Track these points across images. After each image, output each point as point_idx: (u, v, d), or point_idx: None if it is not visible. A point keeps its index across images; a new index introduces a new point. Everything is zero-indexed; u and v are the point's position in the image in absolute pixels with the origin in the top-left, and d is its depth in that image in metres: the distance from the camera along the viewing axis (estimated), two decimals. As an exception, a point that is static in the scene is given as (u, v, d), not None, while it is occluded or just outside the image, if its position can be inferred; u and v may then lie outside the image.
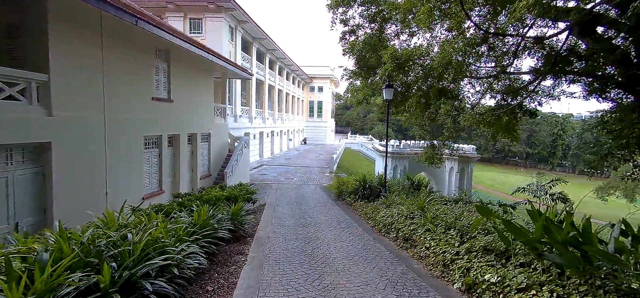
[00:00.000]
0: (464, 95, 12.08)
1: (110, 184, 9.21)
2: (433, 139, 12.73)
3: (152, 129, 11.18)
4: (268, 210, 10.63)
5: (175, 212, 6.24)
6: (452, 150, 15.18)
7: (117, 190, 9.48)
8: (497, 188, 50.87)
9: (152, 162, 11.40)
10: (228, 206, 7.85)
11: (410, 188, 12.16)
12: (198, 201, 7.29)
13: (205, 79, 15.22)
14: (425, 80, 11.53)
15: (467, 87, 14.00)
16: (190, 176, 14.29)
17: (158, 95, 11.51)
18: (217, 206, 7.39)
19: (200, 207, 5.98)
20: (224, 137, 17.47)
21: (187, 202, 7.07)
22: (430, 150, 12.58)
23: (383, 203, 10.19)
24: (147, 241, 4.04)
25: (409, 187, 12.23)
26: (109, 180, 9.17)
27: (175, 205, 7.08)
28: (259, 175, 21.73)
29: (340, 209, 11.26)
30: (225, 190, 9.21)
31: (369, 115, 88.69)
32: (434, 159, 12.60)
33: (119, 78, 9.48)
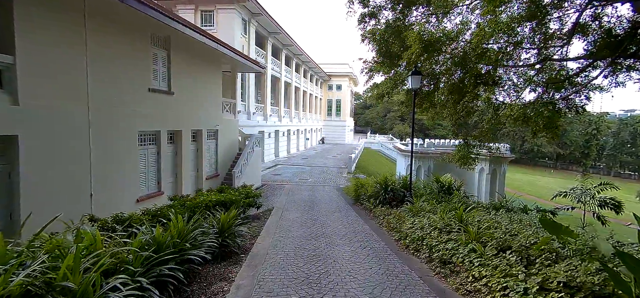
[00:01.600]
0: (507, 81, 10.19)
1: (97, 185, 8.14)
2: (467, 137, 10.89)
3: (148, 123, 10.09)
4: (274, 216, 9.26)
5: (143, 224, 4.86)
6: (489, 150, 13.30)
7: (106, 192, 8.41)
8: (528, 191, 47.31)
9: (149, 161, 10.32)
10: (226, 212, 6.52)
11: (439, 192, 10.44)
12: (181, 207, 5.99)
13: (212, 72, 14.10)
14: (460, 65, 9.77)
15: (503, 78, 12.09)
16: (194, 176, 13.19)
17: (156, 86, 10.42)
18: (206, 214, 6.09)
19: (174, 219, 4.62)
20: (233, 134, 16.33)
21: (167, 209, 5.78)
22: (464, 149, 10.79)
23: (409, 210, 8.57)
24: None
25: (438, 190, 10.51)
26: (95, 181, 8.09)
27: (146, 216, 5.78)
28: (272, 175, 20.52)
29: (358, 216, 9.72)
30: (222, 194, 7.92)
31: (389, 114, 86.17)
32: (468, 159, 10.80)
33: (108, 65, 8.41)
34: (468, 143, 10.79)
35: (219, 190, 9.18)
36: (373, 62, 15.77)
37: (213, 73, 14.23)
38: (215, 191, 9.04)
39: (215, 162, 14.68)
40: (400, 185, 11.12)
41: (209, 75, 13.83)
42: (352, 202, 12.15)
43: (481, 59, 9.38)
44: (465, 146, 10.83)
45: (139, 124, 9.70)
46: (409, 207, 8.63)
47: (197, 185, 13.31)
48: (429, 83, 15.90)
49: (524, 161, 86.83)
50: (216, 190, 9.34)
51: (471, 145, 10.74)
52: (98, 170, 8.15)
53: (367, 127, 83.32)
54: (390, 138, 61.34)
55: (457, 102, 10.40)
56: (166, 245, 3.93)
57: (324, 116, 53.62)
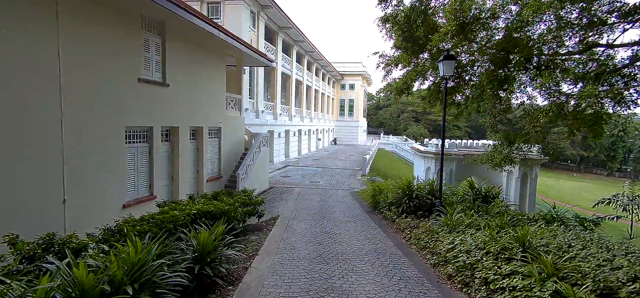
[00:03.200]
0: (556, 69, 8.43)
1: (72, 189, 6.92)
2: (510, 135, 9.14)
3: (138, 118, 8.86)
4: (278, 228, 7.83)
5: (87, 249, 3.46)
6: (519, 151, 11.53)
7: (83, 197, 7.20)
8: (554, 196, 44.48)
9: (139, 161, 9.09)
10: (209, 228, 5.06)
11: (475, 200, 8.80)
12: (147, 224, 4.58)
13: (215, 63, 12.84)
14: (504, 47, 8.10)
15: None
16: (194, 178, 11.94)
17: (147, 77, 9.19)
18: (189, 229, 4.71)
19: (121, 252, 3.17)
20: (238, 132, 15.04)
21: (129, 228, 4.37)
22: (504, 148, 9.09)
23: (443, 223, 6.98)
24: None
25: (473, 198, 8.86)
26: (70, 184, 6.87)
27: (92, 239, 4.37)
28: (281, 177, 19.18)
29: (378, 227, 8.20)
30: (214, 201, 6.51)
31: (403, 115, 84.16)
32: (506, 161, 9.11)
33: (87, 48, 7.20)
34: (511, 142, 9.07)
35: (213, 196, 7.84)
36: (391, 56, 14.26)
37: (216, 65, 12.97)
38: (205, 198, 7.69)
39: (217, 162, 13.40)
40: (427, 190, 9.52)
41: (211, 67, 12.57)
42: (370, 210, 10.61)
43: (525, 45, 7.72)
44: (506, 146, 9.13)
45: (127, 119, 8.48)
46: (443, 219, 7.04)
47: (197, 188, 12.05)
48: (456, 75, 14.25)
49: (544, 164, 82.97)
50: (211, 195, 8.00)
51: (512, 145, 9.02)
52: (74, 171, 6.93)
53: (380, 127, 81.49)
54: (405, 139, 59.28)
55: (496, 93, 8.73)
56: (95, 292, 2.55)
57: (336, 116, 52.11)
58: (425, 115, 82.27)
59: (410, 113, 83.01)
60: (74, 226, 6.81)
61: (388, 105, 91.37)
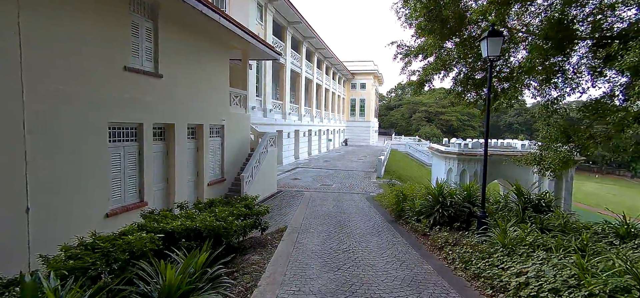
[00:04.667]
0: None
1: (38, 195, 5.71)
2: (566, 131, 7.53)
3: (125, 112, 7.64)
4: (286, 244, 6.44)
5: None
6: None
7: (55, 206, 6.00)
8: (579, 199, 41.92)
9: (125, 162, 7.86)
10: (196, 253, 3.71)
11: (525, 209, 7.22)
12: (90, 256, 3.16)
13: (217, 55, 11.60)
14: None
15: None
16: (193, 182, 10.69)
17: (136, 66, 7.97)
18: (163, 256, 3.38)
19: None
20: (243, 131, 13.77)
21: (52, 264, 3.03)
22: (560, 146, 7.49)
23: (495, 241, 5.48)
24: None
25: (522, 207, 7.28)
26: (35, 189, 5.66)
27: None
28: (290, 180, 17.86)
29: (408, 244, 6.72)
30: (203, 215, 5.12)
31: (415, 115, 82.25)
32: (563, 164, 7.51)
33: (57, 27, 5.99)
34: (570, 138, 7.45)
35: (208, 204, 6.51)
36: (410, 46, 12.82)
37: (219, 57, 11.73)
38: (200, 206, 6.39)
39: (220, 164, 12.14)
40: (462, 197, 8.01)
41: (213, 59, 11.33)
42: (393, 219, 9.14)
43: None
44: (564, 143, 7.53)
45: (110, 113, 7.25)
46: (496, 236, 5.52)
47: (196, 193, 10.81)
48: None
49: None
50: (207, 202, 6.68)
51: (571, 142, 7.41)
52: (40, 175, 5.72)
53: (391, 128, 79.69)
54: (418, 140, 57.31)
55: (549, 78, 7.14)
56: None
57: (347, 116, 50.61)
58: (438, 115, 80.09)
59: (422, 113, 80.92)
60: (41, 240, 5.63)
61: (399, 105, 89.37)
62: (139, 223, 4.34)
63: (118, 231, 4.13)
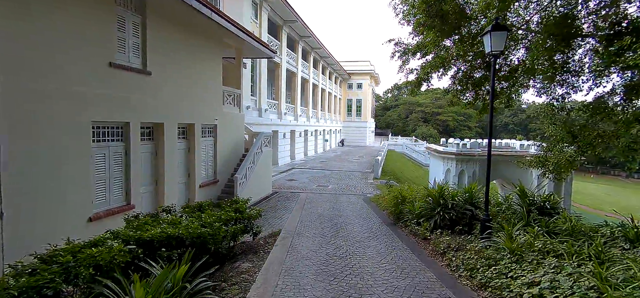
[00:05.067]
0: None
1: (13, 199, 5.30)
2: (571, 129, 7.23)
3: (110, 111, 7.23)
4: (279, 249, 6.08)
5: None
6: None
7: (32, 209, 5.59)
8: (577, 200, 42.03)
9: (111, 163, 7.45)
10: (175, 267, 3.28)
11: (529, 212, 6.92)
12: (48, 271, 2.76)
13: (210, 52, 11.21)
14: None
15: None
16: (184, 183, 10.28)
17: (123, 62, 7.57)
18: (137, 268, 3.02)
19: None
20: (237, 131, 13.38)
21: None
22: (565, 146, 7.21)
23: (502, 247, 5.17)
24: None
25: (526, 209, 6.98)
26: (10, 193, 5.26)
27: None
28: (286, 181, 17.50)
29: (408, 250, 6.39)
30: (189, 220, 4.69)
31: (411, 115, 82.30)
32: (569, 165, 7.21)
33: (33, 17, 5.59)
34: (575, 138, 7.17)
35: (196, 208, 6.11)
36: (408, 44, 12.59)
37: (212, 54, 11.34)
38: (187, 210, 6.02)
39: (213, 165, 11.74)
40: (464, 199, 7.70)
41: (205, 56, 10.94)
42: (391, 221, 8.82)
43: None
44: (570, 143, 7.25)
45: (94, 112, 6.85)
46: (504, 242, 5.21)
47: (188, 195, 10.41)
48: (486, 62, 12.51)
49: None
50: (195, 206, 6.29)
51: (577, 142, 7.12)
52: (16, 178, 5.32)
53: (388, 129, 79.75)
54: (414, 140, 57.21)
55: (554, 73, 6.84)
56: None
57: (343, 116, 50.33)
58: (434, 116, 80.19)
59: (419, 113, 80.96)
60: (17, 247, 5.22)
61: (396, 105, 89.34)
62: (115, 230, 3.96)
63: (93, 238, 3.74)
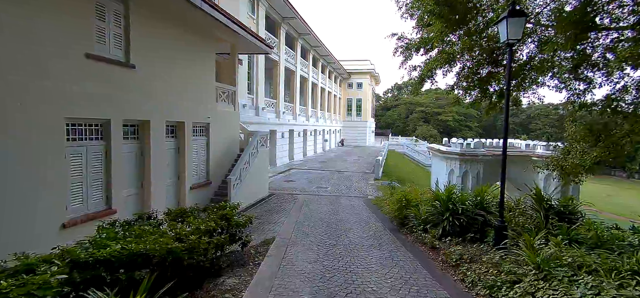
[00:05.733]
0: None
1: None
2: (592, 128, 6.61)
3: (87, 107, 6.60)
4: (270, 262, 5.43)
5: None
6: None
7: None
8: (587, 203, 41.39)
9: (89, 164, 6.81)
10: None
11: (547, 218, 6.29)
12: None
13: (202, 47, 10.57)
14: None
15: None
16: (173, 186, 9.64)
17: (102, 53, 6.92)
18: None
19: None
20: (232, 130, 12.74)
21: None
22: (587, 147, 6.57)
23: (525, 260, 4.53)
24: None
25: (544, 215, 6.35)
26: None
27: None
28: (284, 182, 16.86)
29: (416, 260, 5.76)
30: (146, 239, 3.76)
31: (412, 115, 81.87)
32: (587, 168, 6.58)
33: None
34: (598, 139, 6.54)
35: (178, 214, 5.46)
36: (412, 39, 12.04)
37: (204, 49, 10.71)
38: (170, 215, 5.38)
39: (205, 166, 11.10)
40: (473, 203, 7.07)
41: (197, 50, 10.31)
42: (395, 227, 8.19)
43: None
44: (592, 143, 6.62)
45: (68, 108, 6.21)
46: (525, 253, 4.57)
47: (177, 198, 9.77)
48: (494, 58, 11.98)
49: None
50: (178, 211, 5.62)
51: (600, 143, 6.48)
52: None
53: (388, 129, 79.18)
54: (415, 140, 56.61)
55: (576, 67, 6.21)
56: None
57: (343, 116, 49.67)
58: (435, 115, 79.62)
59: (419, 113, 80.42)
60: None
61: (396, 105, 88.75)
62: (64, 248, 3.31)
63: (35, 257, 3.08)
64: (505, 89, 6.06)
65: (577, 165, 6.78)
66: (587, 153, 6.59)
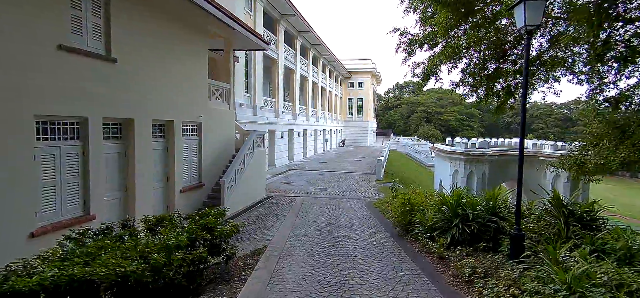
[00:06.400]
0: None
1: None
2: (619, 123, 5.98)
3: (60, 103, 6.01)
4: (258, 277, 4.81)
5: None
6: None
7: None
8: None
9: (63, 166, 6.22)
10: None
11: (567, 224, 5.66)
12: None
13: (193, 42, 9.99)
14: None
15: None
16: (161, 189, 9.05)
17: (77, 45, 6.33)
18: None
19: None
20: (226, 129, 12.14)
21: None
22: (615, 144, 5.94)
23: (549, 278, 3.91)
24: None
25: (564, 220, 5.72)
26: None
27: None
28: (282, 183, 16.26)
29: (423, 273, 5.14)
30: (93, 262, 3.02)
31: (413, 115, 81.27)
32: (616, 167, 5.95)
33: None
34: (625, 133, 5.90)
35: (156, 222, 4.83)
36: (415, 34, 11.56)
37: (195, 43, 10.12)
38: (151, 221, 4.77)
39: (197, 167, 10.51)
40: (485, 208, 6.43)
41: (187, 44, 9.72)
42: (398, 233, 7.56)
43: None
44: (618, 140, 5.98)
45: (38, 104, 5.64)
46: (552, 270, 3.94)
47: (166, 202, 9.20)
48: (501, 53, 11.51)
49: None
50: (152, 219, 4.98)
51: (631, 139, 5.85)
52: None
53: (389, 129, 78.54)
54: (417, 140, 55.94)
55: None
56: None
57: (344, 116, 49.03)
58: (437, 115, 78.92)
59: (421, 113, 79.76)
60: None
61: (398, 105, 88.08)
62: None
63: None
64: (523, 81, 5.41)
65: (600, 165, 6.14)
66: (612, 152, 5.94)
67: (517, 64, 11.04)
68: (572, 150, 7.99)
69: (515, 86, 11.64)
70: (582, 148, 7.14)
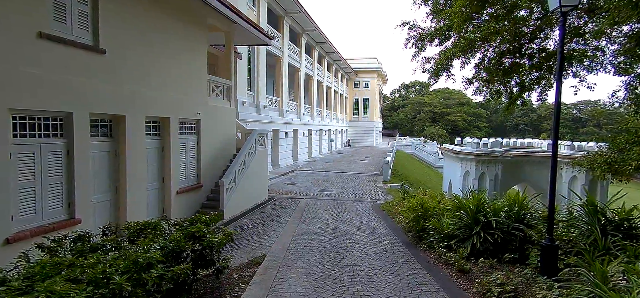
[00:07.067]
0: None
1: None
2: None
3: (41, 97, 5.49)
4: (253, 294, 4.19)
5: None
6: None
7: None
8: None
9: (44, 166, 5.70)
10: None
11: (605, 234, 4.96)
12: None
13: (191, 35, 9.46)
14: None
15: None
16: (157, 190, 8.51)
17: (61, 34, 5.81)
18: None
19: None
20: (227, 128, 11.59)
21: None
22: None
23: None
24: None
25: (601, 229, 5.02)
26: None
27: None
28: (285, 184, 15.69)
29: (442, 291, 4.49)
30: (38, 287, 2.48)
31: (420, 115, 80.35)
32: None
33: None
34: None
35: (140, 228, 4.24)
36: (425, 28, 11.07)
37: (193, 36, 9.59)
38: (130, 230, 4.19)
39: (195, 167, 9.97)
40: (507, 214, 5.75)
41: (185, 38, 9.19)
42: (409, 240, 6.91)
43: None
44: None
45: (14, 97, 5.11)
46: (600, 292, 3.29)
47: (161, 204, 8.66)
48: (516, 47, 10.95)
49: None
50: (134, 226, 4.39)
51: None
52: None
53: (395, 129, 77.67)
54: (423, 140, 55.01)
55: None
56: None
57: (349, 116, 48.35)
58: (443, 115, 77.87)
59: (427, 113, 78.78)
60: None
61: (403, 105, 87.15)
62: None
63: None
64: (557, 70, 4.73)
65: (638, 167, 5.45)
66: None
67: (533, 58, 10.37)
68: (593, 151, 7.28)
69: (530, 82, 10.97)
70: (614, 146, 6.44)
